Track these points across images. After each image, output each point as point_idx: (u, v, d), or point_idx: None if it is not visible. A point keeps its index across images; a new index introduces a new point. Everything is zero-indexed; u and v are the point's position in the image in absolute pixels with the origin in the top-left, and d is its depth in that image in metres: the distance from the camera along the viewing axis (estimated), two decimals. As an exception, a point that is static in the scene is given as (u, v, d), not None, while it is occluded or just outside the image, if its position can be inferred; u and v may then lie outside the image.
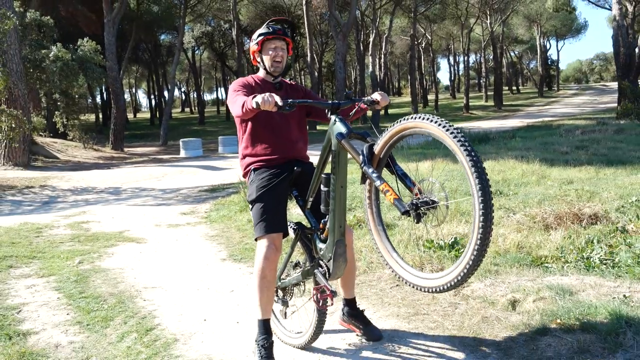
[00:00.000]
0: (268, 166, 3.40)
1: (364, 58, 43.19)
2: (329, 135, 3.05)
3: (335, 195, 3.01)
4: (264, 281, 3.25)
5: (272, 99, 2.92)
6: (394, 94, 74.91)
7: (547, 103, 47.99)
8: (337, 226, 3.06)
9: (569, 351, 3.06)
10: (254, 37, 3.47)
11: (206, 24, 48.37)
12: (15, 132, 15.16)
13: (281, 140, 3.41)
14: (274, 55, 3.42)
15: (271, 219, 3.28)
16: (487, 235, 2.33)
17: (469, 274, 2.43)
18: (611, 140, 12.31)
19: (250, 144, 3.47)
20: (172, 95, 34.81)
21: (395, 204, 2.55)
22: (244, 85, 3.41)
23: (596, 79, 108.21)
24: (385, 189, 2.62)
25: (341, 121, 2.99)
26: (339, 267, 3.17)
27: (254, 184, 3.37)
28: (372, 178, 2.72)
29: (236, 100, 3.22)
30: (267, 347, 3.23)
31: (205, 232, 7.36)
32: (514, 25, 58.13)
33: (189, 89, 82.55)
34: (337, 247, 3.10)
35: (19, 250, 6.47)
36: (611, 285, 3.81)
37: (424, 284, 2.67)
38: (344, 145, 2.91)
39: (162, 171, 16.09)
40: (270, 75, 3.50)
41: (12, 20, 15.52)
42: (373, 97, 3.20)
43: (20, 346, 3.73)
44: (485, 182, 2.31)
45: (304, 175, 3.40)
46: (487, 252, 2.39)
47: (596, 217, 5.30)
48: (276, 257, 3.25)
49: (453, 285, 2.51)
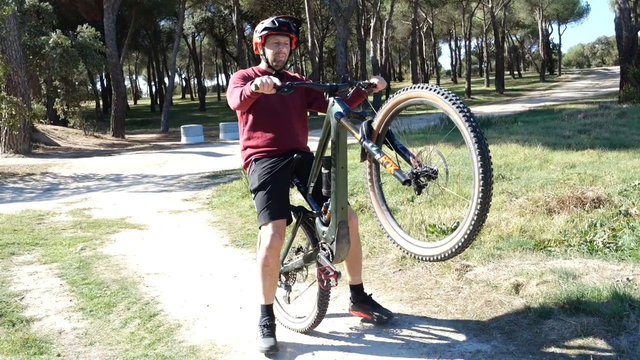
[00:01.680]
0: (269, 156, 3.41)
1: (365, 43, 42.95)
2: (328, 117, 3.05)
3: (336, 177, 3.01)
4: (266, 269, 3.28)
5: (270, 81, 2.94)
6: (395, 79, 74.57)
7: (549, 87, 47.79)
8: (339, 207, 3.06)
9: (572, 334, 3.06)
10: (258, 29, 3.45)
11: (206, 10, 48.07)
12: (15, 119, 15.12)
13: (282, 131, 3.42)
14: (277, 51, 3.42)
15: (275, 205, 3.29)
16: (486, 200, 2.36)
17: (469, 241, 2.47)
18: (613, 124, 12.25)
19: (251, 135, 3.47)
20: (172, 82, 34.67)
21: (395, 174, 2.57)
22: (243, 77, 3.42)
23: (598, 63, 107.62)
24: (385, 161, 2.63)
25: (339, 102, 3.00)
26: (342, 249, 3.17)
27: (256, 173, 3.39)
28: (372, 152, 2.73)
29: (233, 92, 3.27)
30: (269, 326, 3.30)
31: (207, 218, 7.35)
32: (515, 9, 57.70)
33: (189, 75, 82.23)
34: (339, 229, 3.09)
35: (21, 237, 6.47)
36: (614, 268, 3.81)
37: (432, 253, 2.68)
38: (343, 124, 2.91)
39: (163, 158, 16.07)
40: (271, 69, 3.50)
41: (11, 6, 15.42)
42: (371, 81, 3.21)
43: (24, 332, 3.74)
44: (484, 146, 2.34)
45: (305, 163, 3.41)
46: (487, 217, 2.42)
47: (599, 200, 5.28)
48: (279, 245, 3.27)
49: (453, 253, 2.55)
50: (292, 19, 3.47)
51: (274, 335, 3.29)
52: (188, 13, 45.02)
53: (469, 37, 52.26)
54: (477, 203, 2.37)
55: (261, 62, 3.56)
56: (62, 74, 21.73)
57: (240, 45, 37.11)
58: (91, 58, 22.88)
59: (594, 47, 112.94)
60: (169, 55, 45.29)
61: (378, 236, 5.14)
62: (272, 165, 3.37)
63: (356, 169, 7.83)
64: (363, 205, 6.14)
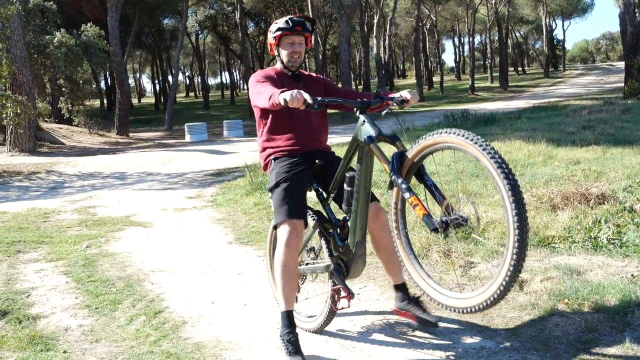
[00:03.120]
0: (289, 155, 3.34)
1: (368, 40, 42.88)
2: (356, 135, 2.96)
3: (359, 197, 2.96)
4: (285, 269, 3.14)
5: (300, 97, 2.83)
6: (398, 76, 74.50)
7: (553, 83, 47.66)
8: (358, 227, 3.01)
9: (577, 331, 3.06)
10: (272, 29, 3.40)
11: (209, 8, 48.08)
12: (20, 118, 15.17)
13: (302, 130, 3.35)
14: (291, 51, 3.36)
15: (292, 203, 3.18)
16: (522, 251, 2.27)
17: (507, 289, 2.36)
18: (618, 120, 12.23)
19: (270, 136, 3.41)
20: (176, 80, 34.71)
21: (424, 220, 2.51)
22: (266, 76, 3.34)
23: (602, 58, 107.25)
24: (414, 203, 2.56)
25: (370, 123, 2.89)
26: (357, 269, 3.15)
27: (274, 171, 3.30)
28: (401, 189, 2.65)
29: (263, 91, 3.12)
30: (293, 341, 3.09)
31: (211, 216, 7.37)
32: (519, 5, 57.52)
33: (193, 73, 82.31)
34: (357, 249, 3.06)
35: (27, 235, 6.50)
36: (619, 264, 3.81)
37: (465, 305, 2.57)
38: (373, 151, 2.83)
39: (167, 156, 16.11)
40: (287, 69, 3.45)
41: (15, 5, 15.45)
42: (403, 95, 3.10)
43: (30, 330, 3.76)
44: (514, 182, 2.28)
45: (325, 168, 3.33)
46: (523, 267, 2.33)
47: (603, 197, 5.27)
48: (298, 245, 3.17)
49: (491, 303, 2.43)
50: (306, 18, 3.41)
51: (301, 351, 3.06)
52: (191, 11, 45.07)
53: (472, 33, 52.13)
54: (512, 254, 2.28)
55: (277, 63, 3.50)
56: (67, 72, 21.80)
57: (244, 43, 37.11)
58: (95, 57, 22.94)
59: (598, 43, 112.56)
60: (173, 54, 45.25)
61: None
62: (292, 165, 3.28)
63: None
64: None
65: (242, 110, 39.01)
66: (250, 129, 24.24)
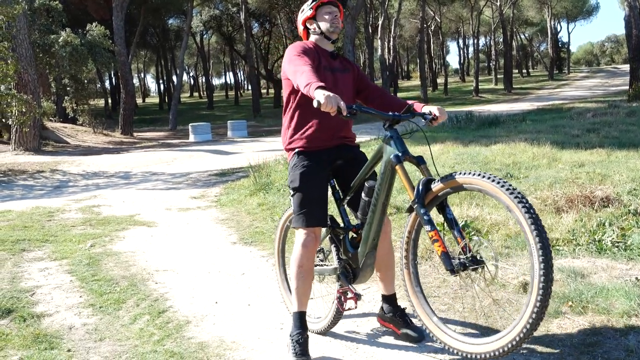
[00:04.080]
0: (313, 151, 3.23)
1: (372, 41, 42.92)
2: (381, 149, 2.94)
3: (375, 210, 2.95)
4: (301, 270, 3.15)
5: (335, 103, 2.69)
6: (402, 78, 74.46)
7: (558, 86, 47.58)
8: (371, 239, 3.02)
9: (580, 333, 3.06)
10: (307, 4, 3.31)
11: (214, 8, 48.13)
12: (25, 117, 15.22)
13: (330, 119, 3.14)
14: (331, 18, 3.26)
15: (311, 212, 3.14)
16: (546, 297, 2.26)
17: (526, 337, 2.32)
18: (623, 123, 12.18)
19: (299, 118, 3.27)
20: (180, 80, 34.80)
21: (442, 257, 2.52)
22: (305, 50, 3.19)
23: (607, 61, 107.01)
24: (434, 238, 2.55)
25: (397, 139, 2.87)
26: (364, 276, 3.16)
27: (297, 170, 3.21)
28: (424, 220, 2.62)
29: (303, 71, 2.94)
30: (301, 342, 3.10)
31: (215, 216, 7.38)
32: (524, 7, 57.46)
33: (197, 73, 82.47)
34: (367, 258, 3.07)
35: (31, 234, 6.52)
36: (623, 267, 3.80)
37: (474, 350, 2.52)
38: (399, 172, 2.80)
39: (171, 155, 16.14)
40: (326, 41, 3.33)
41: (21, 5, 15.52)
42: (432, 112, 3.05)
43: (35, 328, 3.78)
44: (545, 241, 2.25)
45: (345, 166, 3.29)
46: (545, 314, 2.31)
47: (608, 199, 5.25)
48: (315, 246, 3.17)
49: (508, 350, 2.38)
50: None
51: (308, 354, 3.09)
52: (196, 11, 45.10)
53: (477, 35, 52.10)
54: (532, 310, 2.27)
55: (310, 37, 3.37)
56: (72, 72, 21.86)
57: (248, 43, 37.13)
58: (100, 56, 22.98)
59: (603, 46, 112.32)
60: (177, 54, 45.43)
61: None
62: (314, 166, 3.20)
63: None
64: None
65: (246, 111, 39.04)
66: (254, 130, 24.27)
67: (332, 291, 3.41)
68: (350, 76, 3.36)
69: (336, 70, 3.30)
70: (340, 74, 3.29)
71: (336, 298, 3.24)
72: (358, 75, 3.44)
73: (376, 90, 3.46)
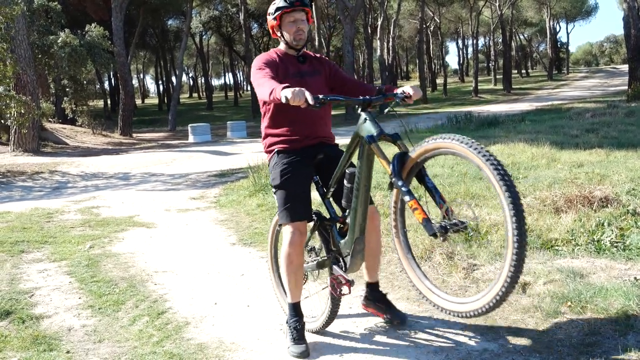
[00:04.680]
0: (292, 149, 3.30)
1: (372, 42, 42.94)
2: (357, 132, 2.96)
3: (358, 195, 2.97)
4: (291, 266, 3.26)
5: (302, 96, 2.78)
6: (402, 78, 74.44)
7: (557, 86, 47.60)
8: (357, 224, 3.03)
9: (579, 333, 3.06)
10: (271, 11, 3.32)
11: (213, 9, 48.17)
12: (24, 118, 15.20)
13: (305, 119, 3.27)
14: (295, 29, 3.28)
15: (295, 207, 3.22)
16: (521, 256, 2.31)
17: (508, 292, 2.39)
18: (622, 123, 12.19)
19: (273, 122, 3.35)
20: (180, 81, 34.81)
21: (423, 224, 2.53)
22: (267, 62, 3.25)
23: (606, 61, 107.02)
24: (414, 207, 2.57)
25: (372, 121, 2.87)
26: (355, 264, 3.17)
27: (278, 168, 3.28)
28: (402, 192, 2.65)
29: (264, 83, 3.04)
30: (299, 329, 3.26)
31: (214, 217, 7.38)
32: (523, 7, 57.45)
33: (196, 74, 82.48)
34: (356, 244, 3.08)
35: (30, 235, 6.52)
36: (622, 267, 3.80)
37: (462, 309, 2.61)
38: (375, 151, 2.83)
39: (170, 156, 16.13)
40: (292, 49, 3.38)
41: (20, 5, 15.51)
42: (405, 91, 3.07)
43: (34, 329, 3.78)
44: (515, 195, 2.29)
45: (327, 162, 3.32)
46: (520, 276, 2.37)
47: (607, 199, 5.25)
48: (301, 242, 3.25)
49: (493, 305, 2.46)
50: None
51: (305, 339, 3.24)
52: (195, 12, 45.13)
53: (476, 35, 52.08)
54: (510, 264, 2.32)
55: (280, 44, 3.42)
56: (71, 72, 21.87)
57: (248, 44, 37.14)
58: (99, 57, 23.00)
59: (602, 46, 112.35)
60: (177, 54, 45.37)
61: (386, 235, 5.14)
62: (295, 163, 3.26)
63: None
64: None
65: (245, 112, 39.02)
66: (253, 130, 24.25)
67: (326, 290, 3.43)
68: (321, 78, 3.41)
69: (305, 74, 3.34)
70: (309, 77, 3.32)
71: (329, 285, 3.27)
72: (331, 73, 3.47)
73: (352, 82, 3.50)
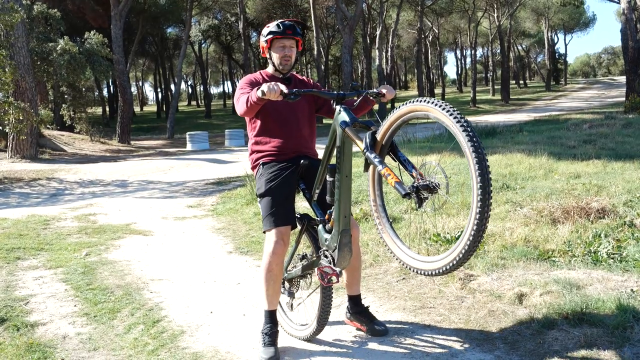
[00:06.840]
0: (277, 161, 3.42)
1: (370, 51, 43.09)
2: (334, 126, 3.05)
3: (340, 185, 3.01)
4: (270, 275, 3.31)
5: (277, 88, 2.94)
6: (400, 88, 74.67)
7: (555, 97, 47.74)
8: (342, 216, 3.05)
9: (575, 345, 3.06)
10: (264, 33, 3.47)
11: (213, 17, 48.34)
12: (22, 124, 15.20)
13: (290, 136, 3.43)
14: (282, 55, 3.42)
15: (279, 212, 3.30)
16: (485, 213, 2.36)
17: (468, 255, 2.46)
18: (619, 135, 12.21)
19: (259, 140, 3.49)
20: (178, 89, 34.84)
21: (396, 187, 2.56)
22: (250, 83, 3.42)
23: (604, 72, 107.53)
24: (386, 173, 2.63)
25: (345, 110, 2.99)
26: (343, 258, 3.17)
27: (263, 178, 3.40)
28: (374, 162, 2.73)
29: (240, 98, 3.25)
30: (270, 334, 3.33)
31: (211, 225, 7.37)
32: (521, 18, 57.75)
33: (195, 82, 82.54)
34: (342, 237, 3.09)
35: (26, 242, 6.50)
36: (619, 279, 3.80)
37: (432, 267, 2.68)
38: (348, 133, 2.91)
39: (168, 164, 16.12)
40: (279, 72, 3.50)
41: (20, 13, 15.54)
42: (379, 89, 3.21)
43: (28, 337, 3.76)
44: (482, 155, 2.35)
45: (312, 168, 3.41)
46: (485, 230, 2.42)
47: (604, 211, 5.26)
48: (283, 252, 3.29)
49: (453, 267, 2.54)
50: (297, 22, 3.47)
51: (275, 344, 3.31)
52: (195, 20, 45.30)
53: (474, 46, 52.32)
54: (475, 217, 2.37)
55: (269, 66, 3.57)
56: (69, 80, 21.89)
57: (247, 52, 37.23)
58: (98, 64, 23.03)
59: (600, 57, 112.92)
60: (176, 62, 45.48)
61: (382, 245, 5.14)
62: (279, 171, 3.37)
63: (360, 177, 7.83)
64: (367, 214, 6.14)
65: (243, 120, 38.64)
66: (251, 139, 24.23)
67: (316, 298, 3.44)
68: (306, 99, 3.51)
69: None
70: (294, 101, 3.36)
71: (317, 275, 3.24)
72: None
73: None
